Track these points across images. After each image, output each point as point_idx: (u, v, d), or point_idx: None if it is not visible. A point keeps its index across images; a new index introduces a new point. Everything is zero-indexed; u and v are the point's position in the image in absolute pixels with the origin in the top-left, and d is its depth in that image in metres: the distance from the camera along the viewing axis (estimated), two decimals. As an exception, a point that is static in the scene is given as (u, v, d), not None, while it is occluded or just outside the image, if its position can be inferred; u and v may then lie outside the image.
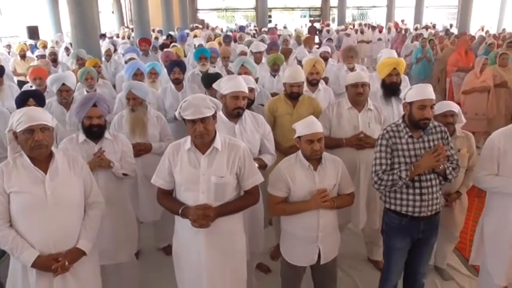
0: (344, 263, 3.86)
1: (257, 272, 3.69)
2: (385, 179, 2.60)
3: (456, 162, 2.71)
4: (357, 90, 3.37)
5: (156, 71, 4.86)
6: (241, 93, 2.93)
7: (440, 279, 3.65)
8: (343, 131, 3.43)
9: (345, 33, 14.74)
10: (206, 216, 2.31)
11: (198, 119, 2.30)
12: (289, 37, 9.94)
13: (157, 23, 17.35)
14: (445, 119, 3.28)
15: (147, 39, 8.20)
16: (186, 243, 2.47)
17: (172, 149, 2.47)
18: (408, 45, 11.30)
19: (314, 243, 2.66)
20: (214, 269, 2.43)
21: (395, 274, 2.88)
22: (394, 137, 2.64)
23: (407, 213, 2.65)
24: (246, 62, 4.41)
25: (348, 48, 5.90)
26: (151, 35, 12.34)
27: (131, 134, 3.57)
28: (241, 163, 2.43)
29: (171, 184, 2.49)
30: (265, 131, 3.15)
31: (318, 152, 2.57)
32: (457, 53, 8.50)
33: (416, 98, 2.55)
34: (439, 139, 2.65)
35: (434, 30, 15.75)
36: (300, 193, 2.61)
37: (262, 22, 20.79)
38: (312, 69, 4.31)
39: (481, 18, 19.79)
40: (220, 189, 2.38)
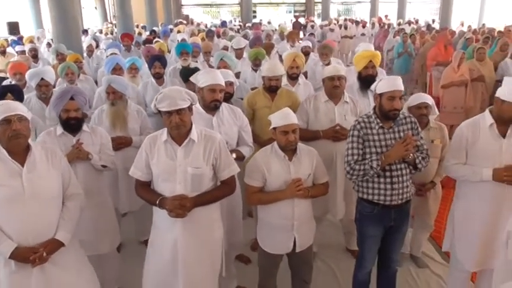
0: (323, 253, 3.97)
1: (238, 262, 3.76)
2: (357, 169, 2.68)
3: (426, 152, 2.80)
4: (333, 83, 3.44)
5: (136, 66, 4.88)
6: (218, 86, 2.98)
7: (415, 267, 3.76)
8: (320, 124, 3.50)
9: (329, 29, 14.82)
10: (183, 206, 2.36)
11: (173, 110, 2.34)
12: (273, 32, 10.00)
13: (141, 19, 17.25)
14: (419, 111, 3.39)
15: (129, 35, 8.17)
16: (164, 233, 2.52)
17: (149, 141, 2.51)
18: (390, 40, 11.45)
19: (289, 232, 2.73)
20: (190, 258, 2.49)
21: (369, 261, 2.96)
22: (365, 127, 2.72)
23: (378, 201, 2.73)
24: (225, 56, 4.46)
25: (322, 46, 5.99)
26: (134, 30, 12.27)
27: (111, 127, 3.59)
28: (217, 154, 2.48)
29: (149, 175, 2.53)
30: (243, 123, 3.21)
31: (292, 142, 2.63)
32: (437, 48, 8.66)
33: (385, 90, 2.63)
34: (409, 129, 2.74)
35: (416, 26, 15.96)
36: (275, 183, 2.67)
37: (247, 17, 20.79)
38: (292, 63, 4.37)
39: (462, 14, 20.10)
40: (196, 180, 2.43)
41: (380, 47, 12.34)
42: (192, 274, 2.51)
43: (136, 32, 12.36)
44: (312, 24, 17.32)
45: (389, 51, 11.05)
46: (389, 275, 3.07)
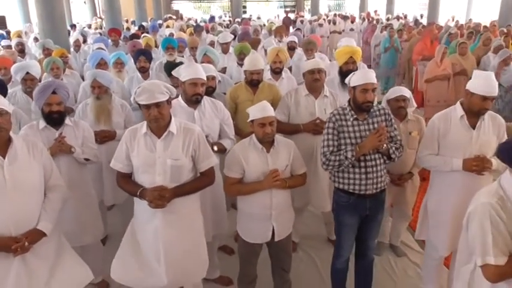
0: (304, 243, 4.07)
1: (221, 253, 3.86)
2: (333, 160, 2.76)
3: (400, 142, 2.89)
4: (313, 76, 3.52)
5: (122, 61, 4.91)
6: (199, 80, 3.04)
7: (394, 256, 3.88)
8: (301, 117, 3.58)
9: (318, 24, 14.89)
10: (162, 197, 2.43)
11: (152, 104, 2.40)
12: (261, 27, 10.04)
13: (130, 14, 17.18)
14: (397, 103, 3.49)
15: (116, 30, 8.17)
16: (144, 224, 2.60)
17: (129, 134, 2.58)
18: (378, 35, 11.53)
19: (268, 221, 2.81)
20: (171, 248, 2.56)
21: (347, 249, 3.06)
22: (340, 119, 2.80)
23: (354, 191, 2.82)
24: (209, 51, 4.52)
25: (307, 42, 6.06)
26: (122, 25, 12.24)
27: (96, 121, 3.64)
28: (196, 146, 2.56)
29: (129, 167, 2.60)
30: (224, 117, 3.28)
31: (269, 134, 2.71)
32: (423, 43, 8.78)
33: (358, 83, 2.72)
34: (383, 121, 2.83)
35: (404, 21, 16.08)
36: (253, 174, 2.75)
37: (237, 13, 20.78)
38: (275, 58, 4.44)
39: (450, 9, 20.28)
40: (175, 172, 2.51)
41: (368, 42, 12.45)
42: (174, 261, 2.58)
43: (124, 27, 12.35)
44: (301, 19, 17.40)
45: (376, 46, 11.14)
46: (367, 263, 3.17)
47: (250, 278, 3.04)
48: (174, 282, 2.67)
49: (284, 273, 3.07)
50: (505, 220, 1.79)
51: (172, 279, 2.62)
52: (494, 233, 1.78)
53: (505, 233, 1.79)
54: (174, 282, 2.66)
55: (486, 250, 1.79)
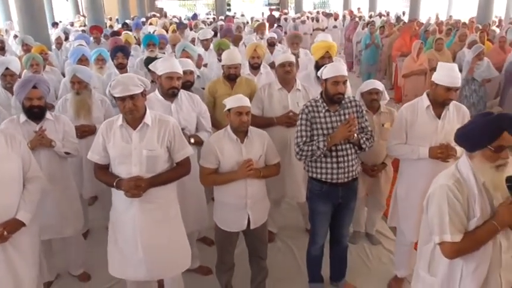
0: (283, 234, 4.18)
1: (201, 244, 3.94)
2: (306, 150, 2.87)
3: (370, 133, 3.01)
4: (284, 69, 3.63)
5: (103, 57, 4.94)
6: (175, 73, 3.11)
7: (369, 244, 4.01)
8: (274, 111, 3.68)
9: (301, 21, 15.02)
10: (138, 187, 2.50)
11: (126, 96, 2.47)
12: (244, 25, 10.12)
13: (114, 12, 17.10)
14: (370, 96, 3.60)
15: (98, 27, 8.18)
16: (122, 214, 2.66)
17: (106, 126, 2.64)
18: (359, 32, 11.70)
19: (243, 210, 2.90)
20: (148, 236, 2.63)
21: (321, 236, 3.17)
22: (313, 111, 2.90)
23: (326, 180, 2.93)
24: (187, 47, 4.59)
25: (293, 36, 6.16)
26: (105, 23, 12.20)
27: (76, 116, 3.68)
28: (171, 137, 2.63)
29: (106, 159, 2.66)
30: (201, 110, 3.35)
31: (245, 123, 2.80)
32: (402, 39, 8.96)
33: (330, 75, 2.82)
34: (354, 112, 2.94)
35: (387, 18, 16.30)
36: (228, 164, 2.83)
37: (221, 10, 20.82)
38: (253, 53, 4.52)
39: (431, 7, 20.61)
40: (151, 162, 2.58)
41: (350, 39, 12.62)
42: (153, 250, 2.65)
43: (107, 25, 12.31)
44: (285, 17, 17.51)
45: (358, 43, 11.31)
46: (341, 249, 3.29)
47: (228, 266, 3.13)
48: (154, 274, 2.74)
49: (261, 261, 3.16)
50: (461, 201, 1.90)
51: (153, 270, 2.69)
52: (450, 213, 1.90)
53: (460, 213, 1.90)
54: (154, 273, 2.73)
55: (443, 229, 1.90)
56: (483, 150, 1.88)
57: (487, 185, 1.90)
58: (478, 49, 6.36)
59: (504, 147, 1.85)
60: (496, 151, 1.85)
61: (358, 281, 3.46)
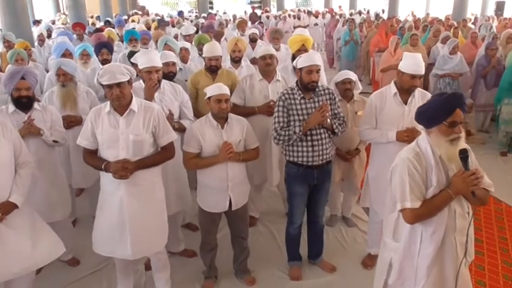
0: (264, 219, 4.38)
1: (186, 230, 4.10)
2: (283, 134, 3.07)
3: (343, 119, 3.22)
4: (265, 61, 3.82)
5: (88, 53, 5.04)
6: (154, 68, 3.27)
7: (345, 226, 4.23)
8: (255, 100, 3.87)
9: (282, 18, 15.24)
10: (125, 169, 2.66)
11: (113, 84, 2.63)
12: (225, 21, 10.30)
13: (96, 10, 17.05)
14: (344, 86, 3.82)
15: (81, 24, 8.25)
16: (110, 195, 2.82)
17: (94, 113, 2.79)
18: (339, 29, 11.97)
19: (225, 192, 3.08)
20: (135, 217, 2.79)
21: (298, 217, 3.37)
22: (289, 98, 3.11)
23: (302, 162, 3.13)
24: (169, 40, 4.76)
25: (273, 31, 6.36)
26: (87, 20, 12.21)
27: (62, 108, 3.79)
28: (155, 122, 2.79)
29: (95, 144, 2.81)
30: (183, 99, 3.52)
31: (224, 110, 2.98)
32: (378, 35, 9.24)
33: (304, 65, 3.03)
34: (327, 100, 3.15)
35: (366, 16, 16.64)
36: (210, 148, 3.01)
37: (203, 8, 20.91)
38: (234, 47, 4.70)
39: (410, 4, 21.09)
40: (137, 146, 2.74)
41: (331, 36, 12.88)
42: (138, 230, 2.82)
43: (90, 23, 12.31)
44: (267, 15, 17.73)
45: (338, 40, 11.56)
46: (317, 229, 3.50)
47: (211, 246, 3.31)
48: (138, 252, 2.90)
49: (242, 241, 3.35)
50: (419, 172, 2.12)
51: (137, 249, 2.86)
52: (410, 182, 2.11)
53: (419, 183, 2.12)
54: (138, 252, 2.89)
55: (404, 196, 2.12)
56: (439, 126, 2.10)
57: (443, 157, 2.12)
58: (452, 43, 6.66)
59: (457, 122, 2.07)
60: (450, 126, 2.07)
61: (334, 260, 3.67)
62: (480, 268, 3.58)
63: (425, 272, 2.20)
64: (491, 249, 3.85)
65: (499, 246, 3.90)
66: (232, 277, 3.48)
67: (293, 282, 3.44)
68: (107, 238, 2.87)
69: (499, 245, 3.91)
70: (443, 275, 2.20)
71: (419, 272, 2.22)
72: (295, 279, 3.45)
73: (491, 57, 6.52)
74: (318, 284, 3.42)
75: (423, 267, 2.20)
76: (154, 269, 3.20)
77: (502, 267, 3.60)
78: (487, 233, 4.12)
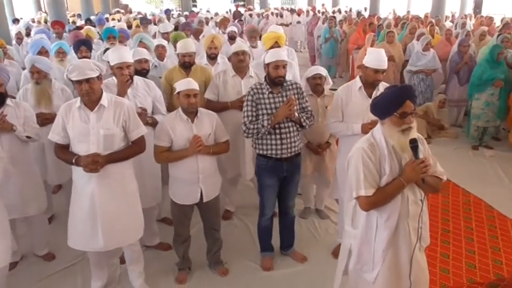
0: (239, 212, 4.47)
1: (162, 224, 4.17)
2: (252, 128, 3.16)
3: (310, 112, 3.32)
4: (238, 57, 3.90)
5: (64, 50, 5.06)
6: (124, 63, 3.33)
7: (318, 219, 4.35)
8: (229, 96, 3.95)
9: (266, 16, 15.36)
10: (95, 162, 2.73)
11: (83, 79, 2.69)
12: (205, 19, 10.36)
13: (77, 8, 16.93)
14: (314, 81, 3.93)
15: (60, 22, 8.18)
16: (81, 189, 2.88)
17: (65, 108, 2.85)
18: (320, 26, 12.09)
19: (196, 184, 3.16)
20: (107, 209, 2.86)
21: (269, 208, 3.47)
22: (258, 93, 3.20)
23: (271, 155, 3.23)
24: (144, 38, 4.81)
25: (251, 30, 6.44)
26: (68, 18, 12.14)
27: (36, 105, 3.82)
28: (126, 117, 2.86)
29: (66, 139, 2.86)
30: (156, 95, 3.59)
31: (193, 105, 3.06)
32: (357, 33, 9.41)
33: (271, 60, 3.12)
34: (295, 94, 3.25)
35: (348, 14, 16.84)
36: (180, 142, 3.08)
37: (186, 6, 20.90)
38: (210, 44, 4.77)
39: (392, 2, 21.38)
40: (108, 141, 2.81)
41: (312, 33, 13.02)
42: (110, 222, 2.88)
43: (70, 21, 12.25)
44: (250, 13, 17.82)
45: (319, 37, 11.69)
46: (288, 220, 3.60)
47: (183, 238, 3.38)
48: (110, 244, 2.97)
49: (215, 232, 3.44)
50: (373, 161, 2.22)
51: (109, 241, 2.92)
52: (365, 171, 2.21)
53: (373, 171, 2.22)
54: (110, 243, 2.96)
55: (359, 185, 2.22)
56: (391, 117, 2.21)
57: (395, 146, 2.23)
58: (425, 40, 6.83)
59: (407, 113, 2.18)
60: (401, 117, 2.18)
61: (306, 250, 3.78)
62: (445, 256, 3.70)
63: (381, 256, 2.31)
64: (457, 238, 3.99)
65: (464, 235, 4.03)
66: (205, 268, 3.57)
67: (264, 272, 3.54)
68: (79, 231, 2.94)
69: (465, 235, 4.05)
70: (398, 259, 2.31)
71: (376, 257, 2.33)
72: (267, 269, 3.55)
73: (464, 54, 6.70)
74: (289, 273, 3.52)
75: (379, 252, 2.31)
76: (127, 262, 3.27)
77: (466, 255, 3.73)
78: (454, 223, 4.26)
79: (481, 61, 6.01)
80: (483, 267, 3.57)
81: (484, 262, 3.64)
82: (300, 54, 15.53)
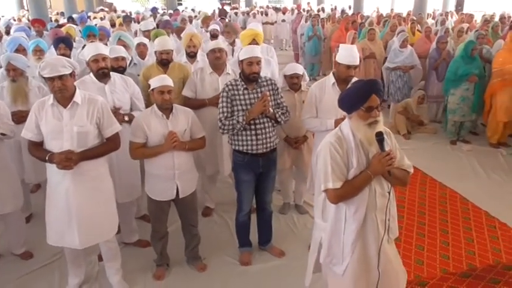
0: (219, 209, 4.50)
1: (141, 221, 4.17)
2: (227, 124, 3.19)
3: (286, 108, 3.36)
4: (215, 55, 3.92)
5: (41, 48, 5.03)
6: (100, 55, 3.33)
7: (297, 214, 4.40)
8: (206, 93, 3.97)
9: (251, 15, 15.39)
10: (69, 159, 2.73)
11: (55, 76, 2.68)
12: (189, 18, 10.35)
13: (60, 6, 16.76)
14: (291, 80, 3.98)
15: (40, 20, 8.14)
16: (56, 186, 2.88)
17: (38, 105, 2.84)
18: (303, 24, 12.15)
19: (172, 180, 3.18)
20: (81, 206, 2.87)
21: (246, 204, 3.50)
22: (233, 89, 3.23)
23: (247, 151, 3.26)
24: (122, 35, 4.80)
25: (224, 25, 6.46)
26: (50, 17, 12.02)
27: (13, 103, 3.80)
28: (100, 114, 2.87)
29: (39, 136, 2.86)
30: (134, 91, 3.60)
31: (167, 101, 3.07)
32: (339, 30, 9.48)
33: (244, 57, 3.16)
34: (270, 90, 3.28)
35: (333, 12, 16.94)
36: (155, 138, 3.10)
37: (172, 5, 20.83)
38: (189, 42, 4.78)
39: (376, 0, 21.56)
40: (82, 138, 2.81)
41: (296, 31, 13.08)
42: (85, 220, 2.89)
43: (53, 19, 12.13)
44: (235, 11, 17.83)
45: (302, 35, 11.75)
46: (266, 215, 3.64)
47: (161, 234, 3.40)
48: (86, 241, 2.97)
49: (192, 228, 3.46)
50: (341, 154, 2.26)
51: (85, 238, 2.93)
52: (332, 164, 2.25)
53: (341, 164, 2.26)
54: (86, 241, 2.96)
55: (327, 178, 2.26)
56: (357, 111, 2.26)
57: (362, 140, 2.27)
58: (402, 37, 6.93)
59: (373, 107, 2.23)
60: (367, 111, 2.23)
61: (284, 245, 3.83)
62: (420, 248, 3.79)
63: (350, 248, 2.35)
64: (432, 230, 4.09)
65: (439, 227, 4.13)
66: (184, 264, 3.59)
67: (242, 267, 3.57)
68: (55, 228, 2.94)
69: (440, 227, 4.14)
70: (367, 251, 2.36)
71: (345, 249, 2.37)
72: (245, 264, 3.58)
73: (442, 50, 6.82)
74: (266, 268, 3.56)
75: (348, 244, 2.35)
76: (105, 259, 3.27)
77: (440, 247, 3.83)
78: (430, 216, 4.36)
79: (456, 57, 6.13)
80: (456, 258, 3.67)
81: (458, 253, 3.74)
82: (285, 52, 15.63)
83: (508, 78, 5.71)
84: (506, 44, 5.93)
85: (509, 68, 5.67)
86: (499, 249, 3.76)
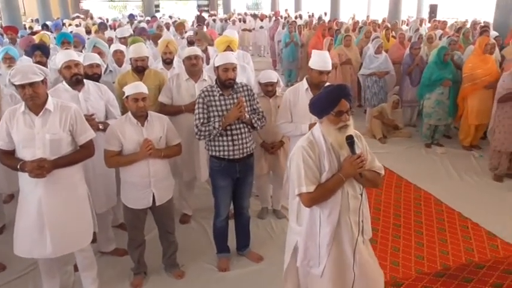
0: (197, 215, 4.49)
1: (119, 230, 4.12)
2: (203, 130, 3.20)
3: (262, 114, 3.39)
4: (191, 62, 3.94)
5: (11, 56, 4.94)
6: (71, 61, 3.29)
7: (275, 218, 4.42)
8: (182, 99, 3.97)
9: (229, 22, 15.45)
10: (41, 167, 2.69)
11: (26, 83, 2.65)
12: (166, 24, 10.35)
13: (34, 12, 16.51)
14: (266, 88, 4.03)
15: (13, 27, 8.00)
16: (28, 195, 2.83)
17: (9, 113, 2.80)
18: (280, 31, 12.30)
19: (148, 188, 3.16)
20: (55, 216, 2.82)
21: (224, 209, 3.50)
22: (209, 95, 3.24)
23: (224, 156, 3.28)
24: (98, 42, 4.77)
25: (195, 32, 6.48)
26: (23, 24, 11.83)
27: (-16, 111, 3.74)
28: (73, 121, 2.84)
29: (11, 144, 2.81)
30: (109, 98, 3.57)
31: (142, 108, 3.06)
32: (316, 37, 9.60)
33: (220, 63, 3.18)
34: (246, 96, 3.31)
35: (310, 19, 17.16)
36: (130, 146, 3.08)
37: (149, 12, 20.74)
38: (165, 49, 4.78)
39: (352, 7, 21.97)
40: (55, 145, 2.77)
41: (274, 38, 13.21)
42: (58, 228, 2.84)
43: (27, 26, 11.94)
44: (213, 18, 17.88)
45: (279, 42, 11.88)
46: (243, 220, 3.66)
47: (138, 242, 3.37)
48: (59, 250, 2.92)
49: (169, 235, 3.45)
50: (313, 158, 2.30)
51: (58, 247, 2.88)
52: (305, 168, 2.29)
53: (313, 168, 2.30)
54: (59, 250, 2.91)
55: (300, 182, 2.29)
56: (328, 116, 2.30)
57: (333, 144, 2.31)
58: (377, 43, 7.07)
59: (343, 112, 2.27)
60: (337, 115, 2.27)
61: (262, 250, 3.84)
62: (395, 250, 3.86)
63: (326, 251, 2.39)
64: (407, 232, 4.16)
65: (414, 229, 4.21)
66: (161, 272, 3.56)
67: (220, 273, 3.57)
68: (26, 238, 2.88)
69: (414, 228, 4.23)
70: (342, 252, 2.40)
71: (322, 251, 2.41)
72: (223, 270, 3.58)
73: (415, 56, 6.98)
74: (244, 273, 3.57)
75: (324, 246, 2.39)
76: (80, 268, 3.22)
77: (415, 247, 3.90)
78: (405, 217, 4.44)
79: (430, 63, 6.28)
80: (431, 258, 3.74)
81: (432, 253, 3.82)
82: (263, 58, 15.73)
83: (478, 83, 5.88)
84: (476, 50, 6.11)
85: (478, 73, 5.84)
86: (471, 248, 3.86)
